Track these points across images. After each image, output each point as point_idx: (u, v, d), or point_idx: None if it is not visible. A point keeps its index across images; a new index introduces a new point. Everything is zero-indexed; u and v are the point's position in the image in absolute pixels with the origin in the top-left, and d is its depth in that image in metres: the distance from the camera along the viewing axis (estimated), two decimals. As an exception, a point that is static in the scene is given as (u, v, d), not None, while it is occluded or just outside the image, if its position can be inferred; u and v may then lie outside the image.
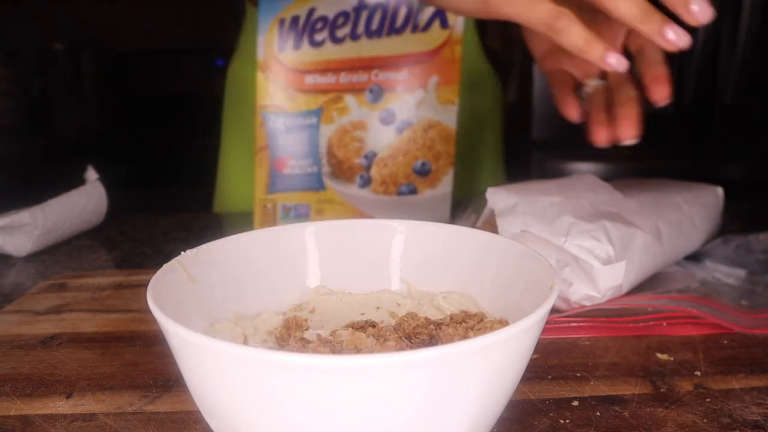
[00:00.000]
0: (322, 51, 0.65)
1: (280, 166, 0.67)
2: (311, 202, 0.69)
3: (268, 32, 0.65)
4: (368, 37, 0.65)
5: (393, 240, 0.40)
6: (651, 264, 0.50)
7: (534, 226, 0.46)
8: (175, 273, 0.33)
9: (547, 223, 0.46)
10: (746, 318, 0.45)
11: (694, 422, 0.33)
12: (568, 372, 0.39)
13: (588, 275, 0.45)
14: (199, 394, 0.27)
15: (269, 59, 0.65)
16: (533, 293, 0.31)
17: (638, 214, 0.50)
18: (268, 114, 0.66)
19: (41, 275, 0.60)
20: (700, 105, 1.52)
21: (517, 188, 0.51)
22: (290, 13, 0.65)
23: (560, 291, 0.45)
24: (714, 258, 0.55)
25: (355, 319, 0.36)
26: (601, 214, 0.49)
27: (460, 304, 0.37)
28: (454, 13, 0.57)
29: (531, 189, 0.51)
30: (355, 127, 0.67)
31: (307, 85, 0.66)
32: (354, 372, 0.23)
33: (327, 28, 0.65)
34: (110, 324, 0.47)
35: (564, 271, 0.45)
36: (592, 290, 0.45)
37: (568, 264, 0.45)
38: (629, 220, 0.49)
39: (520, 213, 0.47)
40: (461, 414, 0.25)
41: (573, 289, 0.45)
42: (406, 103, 0.66)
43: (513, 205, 0.48)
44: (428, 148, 0.67)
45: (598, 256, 0.45)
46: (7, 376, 0.39)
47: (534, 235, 0.46)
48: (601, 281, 0.45)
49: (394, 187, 0.68)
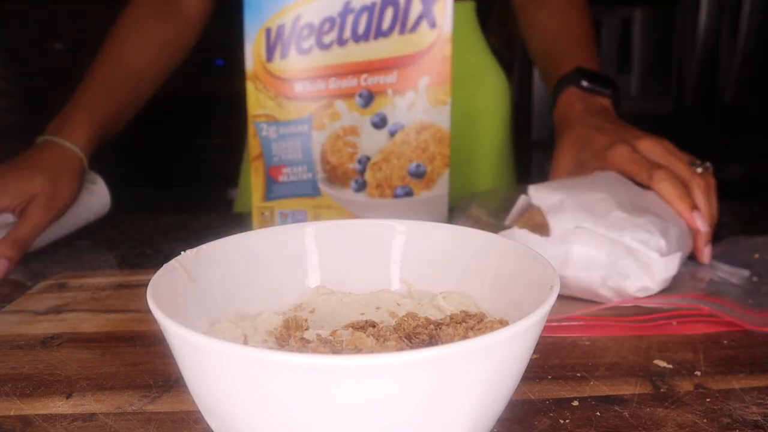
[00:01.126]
0: (309, 58, 0.65)
1: (275, 174, 0.68)
2: (308, 208, 0.69)
3: (255, 42, 0.65)
4: (355, 42, 0.65)
5: (393, 240, 0.40)
6: (684, 255, 0.52)
7: (588, 222, 0.48)
8: (175, 273, 0.33)
9: (600, 218, 0.48)
10: (756, 316, 0.46)
11: (694, 422, 0.33)
12: (568, 372, 0.39)
13: (645, 267, 0.47)
14: (199, 394, 0.27)
15: (258, 69, 0.65)
16: (533, 293, 0.31)
17: (662, 208, 0.52)
18: (261, 123, 0.66)
19: (41, 275, 0.60)
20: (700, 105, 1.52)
21: (557, 185, 0.53)
22: (276, 21, 0.64)
23: (615, 284, 0.47)
24: (718, 258, 0.56)
25: (355, 319, 0.36)
26: (640, 208, 0.51)
27: (460, 304, 0.37)
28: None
29: (569, 186, 0.53)
30: (347, 133, 0.67)
31: (296, 93, 0.66)
32: (354, 372, 0.23)
33: (313, 34, 0.65)
34: (110, 324, 0.47)
35: (619, 264, 0.47)
36: (648, 282, 0.47)
37: (621, 258, 0.47)
38: (659, 214, 0.51)
39: (570, 209, 0.49)
40: (461, 414, 0.25)
41: (630, 282, 0.47)
42: (398, 106, 0.66)
43: (560, 201, 0.50)
44: (422, 150, 0.67)
45: (654, 249, 0.47)
46: (7, 376, 0.39)
47: (589, 230, 0.48)
48: (658, 272, 0.47)
49: (390, 190, 0.68)
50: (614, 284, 0.47)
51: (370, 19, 0.64)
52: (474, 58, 0.91)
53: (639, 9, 1.69)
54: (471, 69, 0.89)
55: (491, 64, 0.94)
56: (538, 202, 0.51)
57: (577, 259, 0.47)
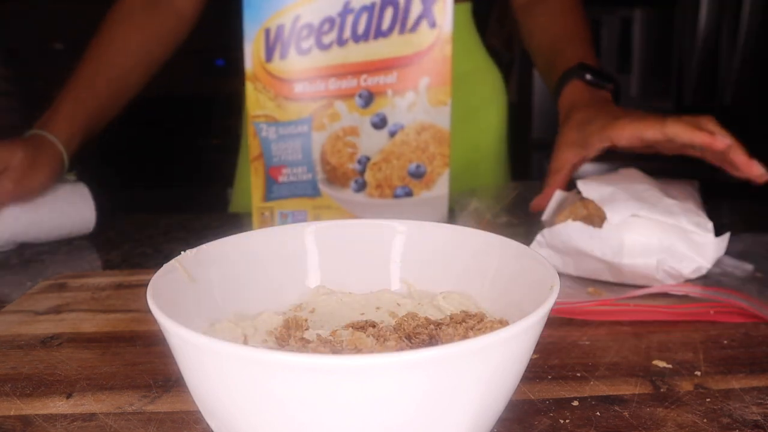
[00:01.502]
0: (309, 58, 0.65)
1: (275, 174, 0.68)
2: (308, 208, 0.69)
3: (255, 42, 0.65)
4: (355, 42, 0.65)
5: (393, 240, 0.40)
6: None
7: (643, 210, 0.50)
8: (175, 273, 0.33)
9: (653, 206, 0.51)
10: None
11: (694, 422, 0.33)
12: (568, 372, 0.39)
13: (700, 248, 0.50)
14: (199, 394, 0.27)
15: (257, 69, 0.65)
16: (533, 293, 0.31)
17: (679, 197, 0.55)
18: (260, 124, 0.66)
19: (41, 275, 0.60)
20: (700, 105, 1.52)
21: (601, 179, 0.56)
22: (275, 21, 0.64)
23: (671, 267, 0.50)
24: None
25: (355, 319, 0.36)
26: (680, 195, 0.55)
27: (460, 304, 0.37)
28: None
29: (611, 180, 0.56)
30: (347, 133, 0.67)
31: (296, 94, 0.66)
32: (354, 372, 0.23)
33: (313, 34, 0.65)
34: (110, 324, 0.47)
35: (674, 248, 0.50)
36: (703, 261, 0.50)
37: (676, 241, 0.50)
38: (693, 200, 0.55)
39: (623, 200, 0.51)
40: (461, 414, 0.25)
41: (684, 264, 0.50)
42: (398, 106, 0.66)
43: (611, 193, 0.53)
44: (422, 150, 0.67)
45: (708, 230, 0.50)
46: (7, 376, 0.39)
47: (644, 218, 0.50)
48: (710, 252, 0.50)
49: (390, 191, 0.68)
50: (669, 267, 0.50)
51: (370, 19, 0.64)
52: (470, 58, 0.91)
53: (639, 9, 1.69)
54: (467, 69, 0.89)
55: (487, 64, 0.94)
56: (589, 194, 0.53)
57: (632, 246, 0.49)
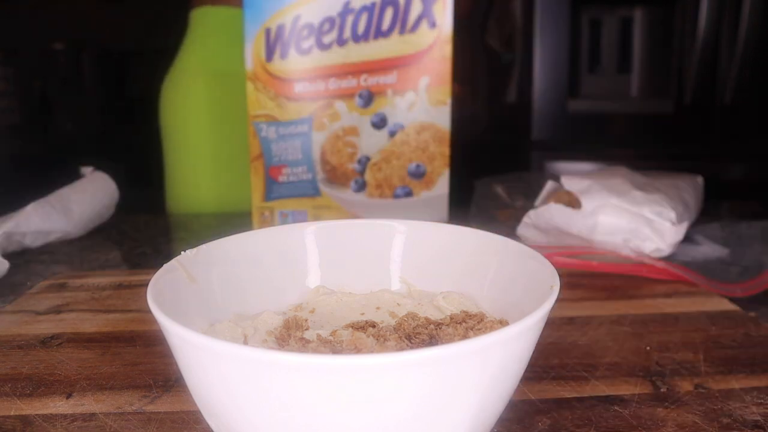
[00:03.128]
0: (309, 58, 0.65)
1: (275, 174, 0.68)
2: (307, 208, 0.69)
3: (255, 42, 0.65)
4: (355, 42, 0.65)
5: (393, 240, 0.40)
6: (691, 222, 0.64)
7: (612, 199, 0.59)
8: (175, 273, 0.33)
9: (622, 196, 0.59)
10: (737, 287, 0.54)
11: (694, 422, 0.33)
12: (568, 372, 0.39)
13: (660, 234, 0.58)
14: (199, 394, 0.27)
15: (257, 69, 0.65)
16: (533, 293, 0.31)
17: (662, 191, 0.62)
18: (260, 124, 0.66)
19: (41, 275, 0.60)
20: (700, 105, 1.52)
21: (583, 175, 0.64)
22: (276, 21, 0.64)
23: (635, 245, 0.58)
24: (703, 234, 0.65)
25: (355, 319, 0.36)
26: (653, 188, 0.62)
27: (460, 304, 0.37)
28: None
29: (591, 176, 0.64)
30: (347, 133, 0.67)
31: (296, 94, 0.66)
32: (354, 372, 0.23)
33: (313, 34, 0.65)
34: (110, 324, 0.47)
35: (638, 230, 0.58)
36: (662, 244, 0.58)
37: (640, 225, 0.58)
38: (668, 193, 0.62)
39: (597, 191, 0.60)
40: (461, 414, 0.25)
41: (647, 244, 0.58)
42: (397, 106, 0.66)
43: (588, 186, 0.61)
44: (422, 150, 0.67)
45: (666, 219, 0.58)
46: (7, 376, 0.39)
47: (614, 205, 0.59)
48: (669, 238, 0.58)
49: (390, 191, 0.68)
50: (634, 246, 0.58)
51: (370, 20, 0.64)
52: None
53: (639, 9, 1.69)
54: None
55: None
56: (570, 186, 0.62)
57: (604, 226, 0.59)
